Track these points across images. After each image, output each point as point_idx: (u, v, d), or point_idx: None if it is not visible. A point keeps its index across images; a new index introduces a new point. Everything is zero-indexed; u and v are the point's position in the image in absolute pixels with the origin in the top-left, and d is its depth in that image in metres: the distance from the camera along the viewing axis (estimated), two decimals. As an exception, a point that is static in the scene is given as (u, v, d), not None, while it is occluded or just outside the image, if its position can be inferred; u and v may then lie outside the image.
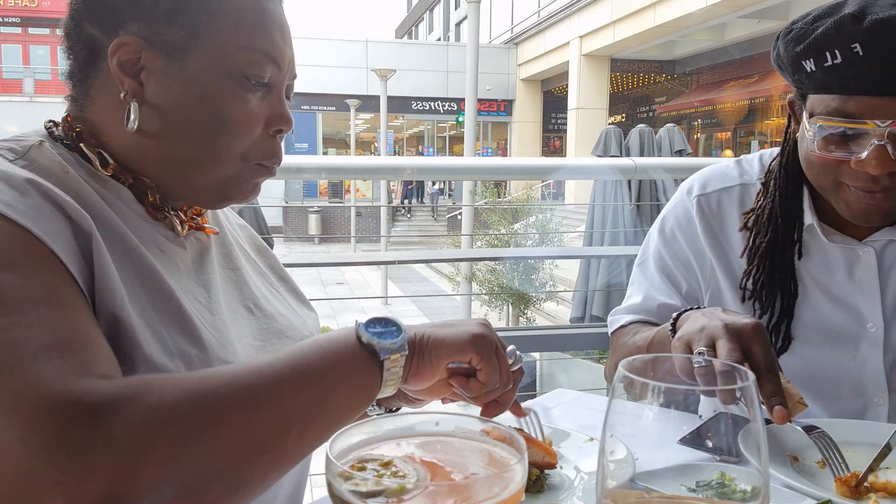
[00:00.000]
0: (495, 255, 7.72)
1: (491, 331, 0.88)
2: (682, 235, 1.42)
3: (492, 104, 28.39)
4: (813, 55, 1.12)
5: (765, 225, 1.31)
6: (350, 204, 23.97)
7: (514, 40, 28.45)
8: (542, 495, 0.90)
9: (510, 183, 19.47)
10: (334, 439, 0.61)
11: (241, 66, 0.89)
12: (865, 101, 1.09)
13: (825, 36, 1.10)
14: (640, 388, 0.61)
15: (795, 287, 1.31)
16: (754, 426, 0.60)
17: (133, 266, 0.84)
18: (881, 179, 1.13)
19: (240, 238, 1.13)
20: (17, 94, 25.56)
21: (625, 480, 0.62)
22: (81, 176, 0.86)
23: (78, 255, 0.76)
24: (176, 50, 0.88)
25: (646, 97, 27.87)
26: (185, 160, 0.91)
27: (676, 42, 21.90)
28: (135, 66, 0.87)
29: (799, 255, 1.31)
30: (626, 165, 3.30)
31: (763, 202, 1.33)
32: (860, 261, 1.28)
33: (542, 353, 2.98)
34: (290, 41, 0.96)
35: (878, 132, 1.09)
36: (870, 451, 1.04)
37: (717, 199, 1.40)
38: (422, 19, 43.32)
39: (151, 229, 0.91)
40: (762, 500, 0.60)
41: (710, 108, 23.57)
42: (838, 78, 1.11)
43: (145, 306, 0.82)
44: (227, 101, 0.89)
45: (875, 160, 1.10)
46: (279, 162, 0.98)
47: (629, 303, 1.48)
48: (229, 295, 1.00)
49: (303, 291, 1.17)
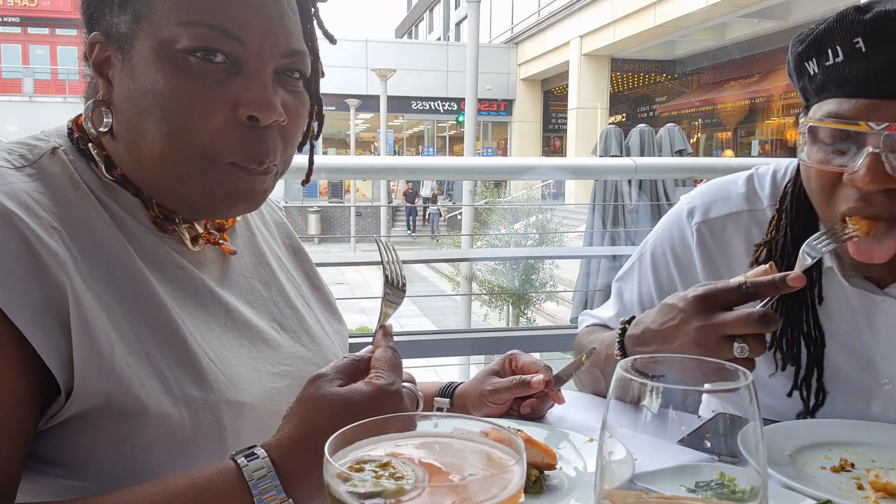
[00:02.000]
0: (495, 255, 7.73)
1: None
2: (675, 264, 1.31)
3: (492, 104, 28.38)
4: (815, 53, 1.06)
5: (778, 262, 1.16)
6: (350, 204, 23.96)
7: (514, 40, 28.44)
8: (542, 496, 0.90)
9: (510, 183, 19.46)
10: (333, 440, 0.61)
11: (183, 43, 0.79)
12: (863, 103, 1.00)
13: (827, 30, 1.04)
14: (638, 389, 0.61)
15: (822, 335, 1.18)
16: (753, 426, 0.60)
17: (139, 298, 0.80)
18: (878, 200, 1.00)
19: (275, 242, 1.07)
20: (17, 94, 25.56)
21: (624, 481, 0.62)
22: (91, 189, 0.82)
23: (48, 316, 0.71)
24: (126, 40, 0.81)
25: (646, 97, 27.86)
26: (153, 164, 0.83)
27: (677, 42, 21.90)
28: (108, 66, 0.83)
29: (820, 300, 1.18)
30: (627, 165, 3.30)
31: (776, 236, 1.19)
32: (880, 310, 1.16)
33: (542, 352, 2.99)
34: (268, 13, 0.82)
35: (873, 139, 0.99)
36: (870, 452, 1.04)
37: (721, 226, 1.26)
38: (422, 19, 43.31)
39: (164, 245, 0.86)
40: (761, 500, 0.60)
41: (711, 108, 23.56)
42: (837, 77, 1.03)
43: (149, 344, 0.79)
44: (169, 86, 0.79)
45: (867, 171, 0.98)
46: (264, 160, 0.84)
47: (602, 314, 1.44)
48: (256, 315, 0.94)
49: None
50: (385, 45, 28.95)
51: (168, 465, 0.79)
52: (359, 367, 0.81)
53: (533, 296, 11.77)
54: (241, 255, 0.98)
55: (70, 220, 0.78)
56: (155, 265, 0.84)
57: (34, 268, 0.72)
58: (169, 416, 0.78)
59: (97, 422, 0.76)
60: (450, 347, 2.64)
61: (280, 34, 0.83)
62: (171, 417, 0.78)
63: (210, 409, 0.81)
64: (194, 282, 0.87)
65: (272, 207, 1.14)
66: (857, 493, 0.93)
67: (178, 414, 0.78)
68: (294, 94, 0.87)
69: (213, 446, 0.81)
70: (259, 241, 1.03)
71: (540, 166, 4.33)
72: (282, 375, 0.92)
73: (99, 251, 0.79)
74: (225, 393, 0.83)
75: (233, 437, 0.83)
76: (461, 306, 8.29)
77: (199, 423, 0.80)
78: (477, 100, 9.59)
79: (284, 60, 0.84)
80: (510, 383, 1.15)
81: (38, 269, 0.72)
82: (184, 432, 0.79)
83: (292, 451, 0.74)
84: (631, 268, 1.41)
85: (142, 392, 0.76)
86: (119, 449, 0.78)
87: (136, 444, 0.78)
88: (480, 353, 2.86)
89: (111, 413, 0.76)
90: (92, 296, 0.76)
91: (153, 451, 0.78)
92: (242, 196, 0.86)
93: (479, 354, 3.21)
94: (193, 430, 0.80)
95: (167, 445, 0.79)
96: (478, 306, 12.85)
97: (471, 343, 2.69)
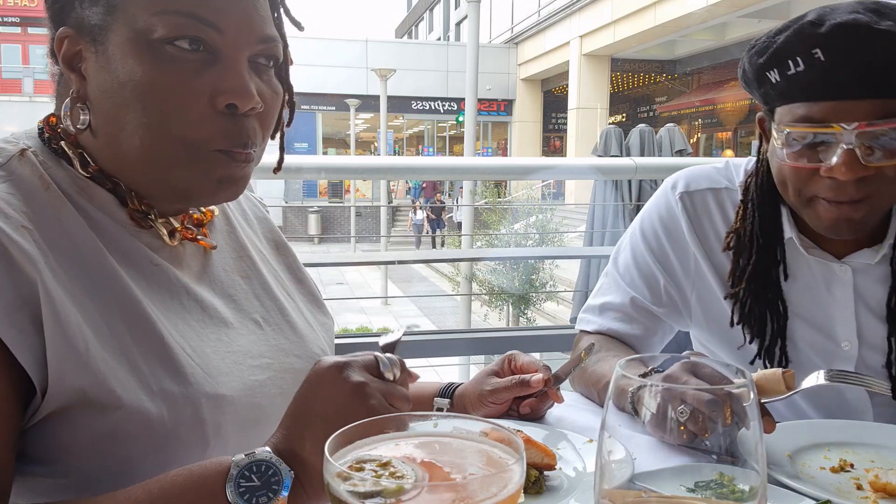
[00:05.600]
0: (495, 255, 7.73)
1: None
2: (665, 232, 1.40)
3: (492, 104, 28.38)
4: (776, 65, 1.14)
5: (746, 247, 1.30)
6: (350, 204, 23.96)
7: (514, 40, 28.44)
8: (541, 496, 0.90)
9: (510, 183, 19.47)
10: (332, 440, 0.61)
11: (160, 33, 0.78)
12: (830, 106, 1.10)
13: (786, 44, 1.13)
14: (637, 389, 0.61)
15: (785, 308, 1.30)
16: (752, 426, 0.60)
17: (114, 294, 0.80)
18: (850, 188, 1.12)
19: (257, 236, 1.07)
20: (17, 94, 25.55)
21: (623, 481, 0.62)
22: (63, 188, 0.82)
23: (21, 314, 0.72)
24: (99, 32, 0.80)
25: (646, 97, 27.87)
26: (134, 157, 0.83)
27: (677, 42, 21.90)
28: (79, 60, 0.83)
29: (785, 277, 1.29)
30: (627, 165, 3.30)
31: (743, 224, 1.31)
32: (837, 278, 1.27)
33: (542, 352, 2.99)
34: (243, 0, 0.83)
35: (846, 137, 1.09)
36: (869, 452, 1.05)
37: (703, 197, 1.38)
38: (422, 19, 43.31)
39: (139, 242, 0.86)
40: (760, 500, 0.60)
41: (711, 108, 23.57)
42: (802, 84, 1.12)
43: (125, 340, 0.79)
44: (148, 77, 0.79)
45: (844, 165, 1.09)
46: (245, 145, 0.85)
47: (602, 300, 1.46)
48: (237, 308, 0.95)
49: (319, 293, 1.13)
50: (385, 45, 28.94)
51: (149, 459, 0.79)
52: None
53: (533, 296, 11.77)
54: (221, 249, 0.98)
55: (41, 219, 0.78)
56: (129, 262, 0.84)
57: (5, 266, 0.72)
58: (147, 411, 0.78)
59: (75, 418, 0.76)
60: (450, 347, 2.64)
61: (255, 21, 0.84)
62: (148, 412, 0.78)
63: (189, 402, 0.81)
64: (169, 278, 0.87)
65: (254, 203, 1.13)
66: (856, 494, 0.93)
67: (156, 408, 0.78)
68: (267, 82, 0.87)
69: (193, 440, 0.81)
70: (240, 235, 1.03)
71: (540, 166, 4.34)
72: (263, 368, 0.92)
73: (72, 249, 0.79)
74: (204, 386, 0.83)
75: (213, 430, 0.83)
76: (461, 306, 8.30)
77: (178, 417, 0.80)
78: (477, 100, 9.59)
79: (259, 47, 0.85)
80: (509, 383, 1.16)
81: (8, 268, 0.72)
82: (163, 427, 0.79)
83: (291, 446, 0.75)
84: (622, 244, 1.47)
85: (118, 387, 0.76)
86: (99, 444, 0.78)
87: (116, 439, 0.78)
88: (480, 353, 2.86)
89: (88, 409, 0.76)
90: (64, 293, 0.76)
91: (133, 445, 0.78)
92: (229, 182, 0.86)
93: (479, 354, 3.22)
94: (173, 424, 0.80)
95: (147, 440, 0.79)
96: (478, 306, 12.85)
97: (471, 343, 2.69)
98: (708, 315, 1.38)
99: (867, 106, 1.08)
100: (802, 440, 1.07)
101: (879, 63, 1.07)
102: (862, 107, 1.08)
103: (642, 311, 1.41)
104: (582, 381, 1.35)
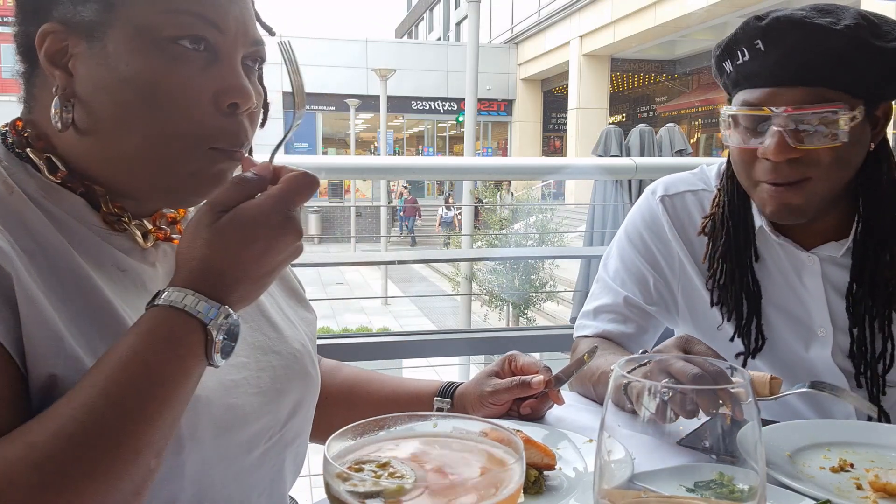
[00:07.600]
0: (495, 255, 7.73)
1: None
2: (649, 233, 1.46)
3: (492, 104, 28.38)
4: (729, 56, 1.25)
5: (719, 230, 1.37)
6: (350, 204, 23.95)
7: (514, 40, 28.45)
8: (541, 496, 0.90)
9: (511, 183, 19.47)
10: (332, 440, 0.61)
11: (168, 31, 0.79)
12: (767, 92, 1.21)
13: (735, 37, 1.24)
14: (636, 390, 0.61)
15: (759, 287, 1.36)
16: (752, 426, 0.60)
17: (84, 297, 0.79)
18: (784, 169, 1.21)
19: None
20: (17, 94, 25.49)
21: (623, 481, 0.62)
22: (28, 193, 0.80)
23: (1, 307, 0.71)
24: (95, 28, 0.79)
25: (646, 97, 27.88)
26: (129, 155, 0.82)
27: (677, 42, 21.90)
28: (64, 56, 0.81)
29: (756, 258, 1.36)
30: (627, 165, 3.30)
31: (717, 210, 1.39)
32: (806, 267, 1.33)
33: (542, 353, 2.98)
34: (240, 1, 0.84)
35: (776, 120, 1.19)
36: (869, 452, 1.05)
37: (682, 199, 1.46)
38: (422, 19, 43.33)
39: (109, 246, 0.85)
40: (759, 500, 0.60)
41: (711, 108, 23.56)
42: (746, 73, 1.23)
43: (96, 345, 0.77)
44: (155, 75, 0.79)
45: (774, 147, 1.19)
46: (242, 144, 0.86)
47: (596, 304, 1.49)
48: None
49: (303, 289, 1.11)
50: (385, 45, 28.93)
51: None
52: None
53: (533, 296, 11.77)
54: None
55: (8, 221, 0.77)
56: (99, 266, 0.83)
57: None
58: None
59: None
60: (450, 347, 2.64)
61: (249, 22, 0.85)
62: None
63: None
64: (136, 283, 0.86)
65: None
66: (856, 494, 0.93)
67: None
68: (254, 83, 0.88)
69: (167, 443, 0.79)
70: None
71: (540, 166, 4.33)
72: (239, 367, 0.90)
73: (40, 251, 0.78)
74: None
75: (189, 431, 0.81)
76: (461, 306, 8.30)
77: None
78: (477, 100, 9.58)
79: (252, 49, 0.86)
80: (510, 384, 1.16)
81: None
82: None
83: (200, 275, 0.75)
84: (610, 249, 1.54)
85: None
86: None
87: None
88: (480, 353, 2.86)
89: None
90: (37, 289, 0.75)
91: None
92: (221, 179, 0.86)
93: (479, 354, 3.21)
94: None
95: None
96: (478, 306, 12.86)
97: (471, 343, 2.68)
98: (694, 313, 1.43)
99: (799, 93, 1.18)
100: (802, 440, 1.07)
101: (812, 54, 1.16)
102: (794, 93, 1.18)
103: (635, 310, 1.45)
104: (578, 380, 1.35)
